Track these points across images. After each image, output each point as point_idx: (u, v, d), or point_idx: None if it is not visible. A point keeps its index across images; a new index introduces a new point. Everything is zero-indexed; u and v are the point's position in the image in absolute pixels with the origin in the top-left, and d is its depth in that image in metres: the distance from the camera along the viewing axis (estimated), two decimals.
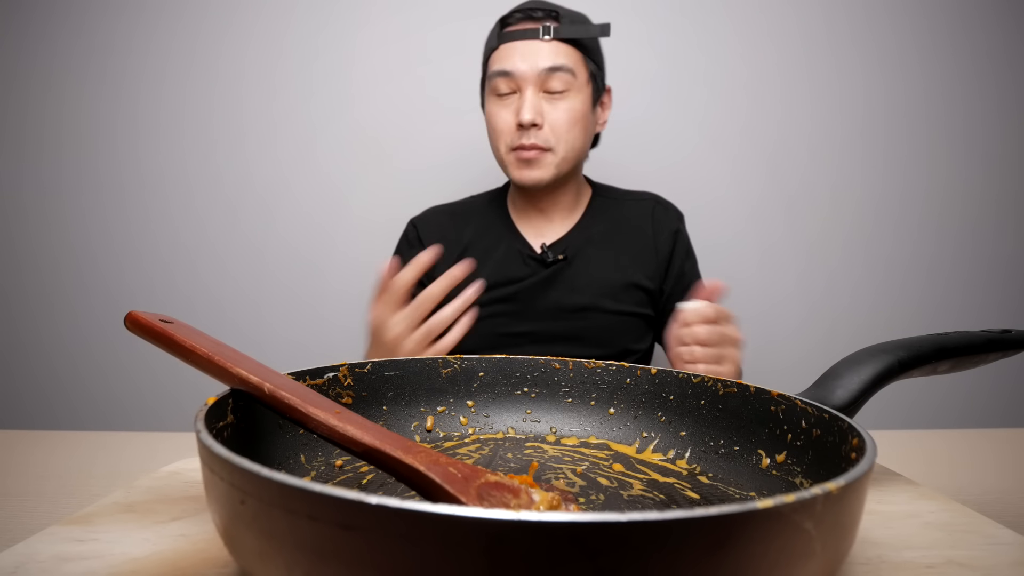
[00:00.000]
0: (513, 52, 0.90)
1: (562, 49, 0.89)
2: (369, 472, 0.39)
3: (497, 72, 0.90)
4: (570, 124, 0.90)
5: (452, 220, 1.02)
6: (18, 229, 1.36)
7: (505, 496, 0.28)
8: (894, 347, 0.40)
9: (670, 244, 1.00)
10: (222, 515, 0.25)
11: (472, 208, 1.04)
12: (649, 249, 0.99)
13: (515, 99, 0.90)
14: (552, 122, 0.90)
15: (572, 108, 0.90)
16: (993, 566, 0.31)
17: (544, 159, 0.90)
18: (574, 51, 0.90)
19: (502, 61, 0.90)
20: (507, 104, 0.91)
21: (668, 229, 1.00)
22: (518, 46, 0.90)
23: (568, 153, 0.91)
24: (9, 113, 1.34)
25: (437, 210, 1.06)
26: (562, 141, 0.90)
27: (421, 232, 1.01)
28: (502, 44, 0.91)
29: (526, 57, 0.89)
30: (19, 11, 1.33)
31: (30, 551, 0.31)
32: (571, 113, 0.90)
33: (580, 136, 0.92)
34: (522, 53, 0.89)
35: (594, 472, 0.40)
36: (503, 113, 0.91)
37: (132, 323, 0.33)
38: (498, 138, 0.93)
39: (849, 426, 0.32)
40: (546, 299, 0.96)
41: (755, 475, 0.38)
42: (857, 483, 0.24)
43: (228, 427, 0.32)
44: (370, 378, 0.43)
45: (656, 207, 1.02)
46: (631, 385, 0.46)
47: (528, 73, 0.89)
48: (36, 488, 0.49)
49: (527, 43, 0.89)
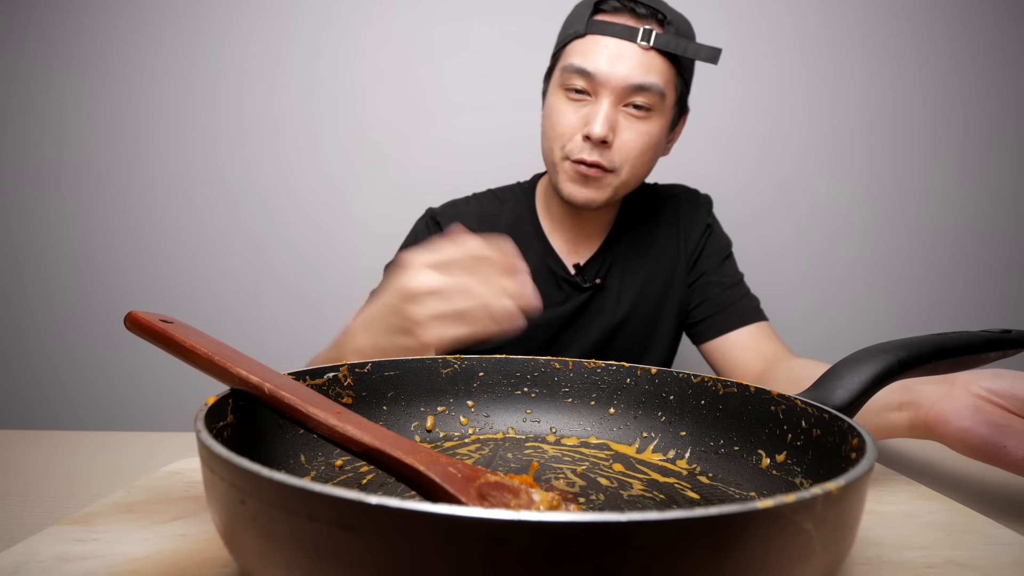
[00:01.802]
0: (600, 49, 0.75)
1: (657, 63, 0.75)
2: (369, 472, 0.39)
3: (575, 68, 0.76)
4: (642, 150, 0.78)
5: (478, 221, 0.90)
6: (18, 228, 1.36)
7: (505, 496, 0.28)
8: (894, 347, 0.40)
9: (698, 242, 0.91)
10: (222, 515, 0.25)
11: (499, 210, 0.92)
12: (680, 253, 0.91)
13: (588, 103, 0.77)
14: (623, 143, 0.77)
15: (650, 133, 0.78)
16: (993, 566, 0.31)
17: (604, 180, 0.78)
18: (669, 67, 0.77)
19: (584, 56, 0.76)
20: (577, 105, 0.78)
21: (697, 226, 0.92)
22: (608, 43, 0.75)
23: (631, 179, 0.80)
24: (9, 113, 1.34)
25: (460, 209, 0.92)
26: (628, 165, 0.78)
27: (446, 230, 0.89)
28: (589, 34, 0.76)
29: (614, 62, 0.75)
30: (19, 11, 1.33)
31: (30, 551, 0.31)
32: (647, 138, 0.78)
33: (648, 164, 0.81)
34: (611, 54, 0.75)
35: (594, 472, 0.40)
36: (569, 114, 0.78)
37: (132, 323, 0.33)
38: (556, 139, 0.80)
39: (849, 426, 0.32)
40: (576, 325, 0.88)
41: (755, 475, 0.38)
42: (857, 483, 0.24)
43: (228, 427, 0.32)
44: (370, 378, 0.43)
45: (685, 202, 0.93)
46: (631, 385, 0.46)
47: (613, 80, 0.75)
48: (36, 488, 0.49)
49: (620, 43, 0.75)
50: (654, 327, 0.91)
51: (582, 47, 0.77)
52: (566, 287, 0.89)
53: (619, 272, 0.89)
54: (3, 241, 1.36)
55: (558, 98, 0.80)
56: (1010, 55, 1.32)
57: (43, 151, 1.35)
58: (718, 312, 0.88)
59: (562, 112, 0.79)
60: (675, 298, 0.91)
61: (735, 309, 0.87)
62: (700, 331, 0.90)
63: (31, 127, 1.35)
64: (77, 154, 1.35)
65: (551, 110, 0.80)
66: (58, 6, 1.33)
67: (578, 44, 0.77)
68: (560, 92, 0.79)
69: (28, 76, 1.34)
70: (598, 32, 0.76)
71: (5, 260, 1.36)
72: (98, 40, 1.33)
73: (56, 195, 1.35)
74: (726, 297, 0.88)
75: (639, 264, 0.90)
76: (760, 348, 0.84)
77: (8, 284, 1.37)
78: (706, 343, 0.89)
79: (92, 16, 1.33)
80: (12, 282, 1.36)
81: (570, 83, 0.77)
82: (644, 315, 0.90)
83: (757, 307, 0.89)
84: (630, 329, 0.90)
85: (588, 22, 0.76)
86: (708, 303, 0.89)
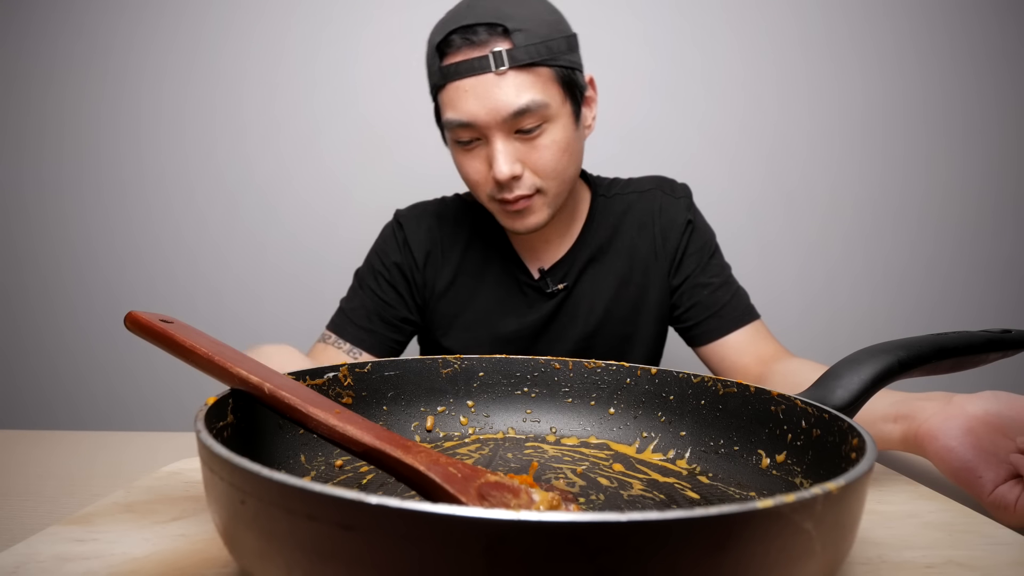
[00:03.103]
0: (461, 94, 0.72)
1: (524, 79, 0.71)
2: (369, 472, 0.39)
3: (453, 124, 0.74)
4: (556, 159, 0.75)
5: (440, 226, 0.89)
6: (19, 228, 1.36)
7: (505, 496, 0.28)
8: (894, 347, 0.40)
9: (680, 240, 0.87)
10: (222, 515, 0.25)
11: (463, 215, 0.91)
12: (657, 254, 0.87)
13: (482, 147, 0.75)
14: (534, 164, 0.74)
15: (554, 141, 0.74)
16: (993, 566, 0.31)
17: (534, 204, 0.77)
18: (538, 74, 0.72)
19: (454, 107, 0.73)
20: (476, 152, 0.76)
21: (677, 223, 0.87)
22: (468, 85, 0.71)
23: (561, 188, 0.78)
24: (9, 112, 1.34)
25: (425, 211, 0.92)
26: (550, 178, 0.76)
27: (409, 235, 0.89)
28: (448, 83, 0.73)
29: (482, 99, 0.71)
30: (19, 11, 1.33)
31: (30, 551, 0.31)
32: (555, 147, 0.74)
33: (571, 164, 0.78)
34: (476, 95, 0.71)
35: (594, 472, 0.40)
36: (474, 163, 0.76)
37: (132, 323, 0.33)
38: (475, 188, 0.79)
39: (849, 426, 0.32)
40: (549, 335, 0.86)
41: (755, 475, 0.38)
42: (857, 483, 0.24)
43: (228, 427, 0.32)
44: (370, 378, 0.43)
45: (663, 198, 0.89)
46: (631, 385, 0.46)
47: (491, 121, 0.71)
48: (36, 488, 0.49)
49: (475, 80, 0.71)
50: (632, 333, 0.88)
51: (447, 98, 0.74)
52: (530, 292, 0.87)
53: (589, 277, 0.86)
54: (3, 241, 1.36)
55: (457, 151, 0.78)
56: (1010, 55, 1.32)
57: (43, 151, 1.35)
58: (710, 316, 0.86)
59: (467, 164, 0.77)
60: (654, 302, 0.87)
61: (727, 311, 0.85)
62: (694, 336, 0.88)
63: (31, 127, 1.35)
64: (77, 153, 1.35)
65: (458, 164, 0.79)
66: (58, 6, 1.33)
67: (443, 95, 0.75)
68: (455, 146, 0.78)
69: (28, 76, 1.34)
70: (452, 78, 0.72)
71: (5, 260, 1.36)
72: (99, 36, 1.33)
73: (56, 194, 1.35)
74: (716, 299, 0.86)
75: (610, 267, 0.87)
76: (758, 350, 0.83)
77: (8, 284, 1.37)
78: (701, 348, 0.88)
79: (92, 15, 1.33)
80: (12, 282, 1.37)
81: (458, 137, 0.76)
82: (620, 320, 0.87)
83: (748, 305, 0.87)
84: (606, 336, 0.87)
85: (440, 72, 0.74)
86: (699, 306, 0.86)
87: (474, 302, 0.88)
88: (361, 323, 0.86)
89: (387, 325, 0.87)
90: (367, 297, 0.88)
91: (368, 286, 0.89)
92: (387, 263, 0.89)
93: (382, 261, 0.89)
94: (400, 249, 0.89)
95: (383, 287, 0.88)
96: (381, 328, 0.87)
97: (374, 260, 0.90)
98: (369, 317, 0.87)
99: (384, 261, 0.89)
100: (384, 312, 0.87)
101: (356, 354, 0.86)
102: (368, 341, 0.86)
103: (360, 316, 0.87)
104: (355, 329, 0.86)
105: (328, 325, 0.89)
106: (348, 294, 0.91)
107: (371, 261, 0.91)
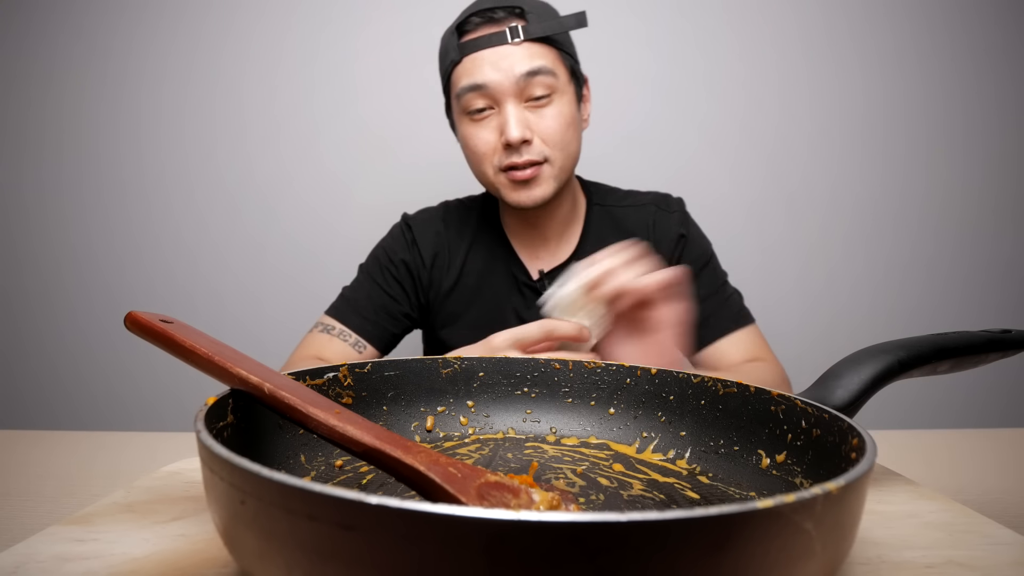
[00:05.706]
0: (480, 63, 0.78)
1: (536, 50, 0.79)
2: (369, 472, 0.39)
3: (467, 87, 0.79)
4: (563, 130, 0.81)
5: (447, 230, 0.94)
6: (19, 228, 1.36)
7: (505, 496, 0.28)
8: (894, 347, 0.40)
9: (672, 253, 0.90)
10: (222, 515, 0.25)
11: (466, 218, 0.95)
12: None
13: (494, 116, 0.80)
14: (543, 132, 0.80)
15: (561, 112, 0.80)
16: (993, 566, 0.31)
17: (542, 174, 0.81)
18: (549, 49, 0.80)
19: (470, 74, 0.79)
20: (485, 123, 0.81)
21: (669, 237, 0.91)
22: (484, 55, 0.78)
23: (566, 161, 0.83)
24: (9, 113, 1.34)
25: (432, 216, 0.96)
26: (557, 149, 0.81)
27: (418, 236, 0.93)
28: (465, 56, 0.79)
29: (498, 65, 0.78)
30: (19, 11, 1.33)
31: (30, 551, 0.31)
32: (561, 118, 0.80)
33: (575, 140, 0.83)
34: (492, 62, 0.78)
35: (594, 472, 0.40)
36: (483, 134, 0.81)
37: (132, 323, 0.33)
38: (482, 161, 0.83)
39: (849, 426, 0.32)
40: None
41: (755, 475, 0.38)
42: (857, 483, 0.24)
43: (228, 427, 0.32)
44: (370, 378, 0.43)
45: (657, 213, 0.93)
46: (631, 385, 0.46)
47: (504, 83, 0.78)
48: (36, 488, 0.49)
49: (493, 50, 0.78)
50: None
51: (464, 70, 0.80)
52: (529, 293, 0.89)
53: None
54: (3, 241, 1.36)
55: (465, 125, 0.83)
56: (1010, 55, 1.32)
57: (43, 151, 1.35)
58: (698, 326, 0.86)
59: (474, 135, 0.82)
60: None
61: (714, 320, 0.87)
62: None
63: (31, 127, 1.35)
64: (77, 154, 1.35)
65: (466, 138, 0.83)
66: (58, 6, 1.33)
67: (459, 69, 0.81)
68: (465, 119, 0.82)
69: (28, 76, 1.34)
70: (471, 51, 0.79)
71: (5, 260, 1.36)
72: (98, 40, 1.33)
73: (56, 195, 1.35)
74: (703, 309, 0.87)
75: None
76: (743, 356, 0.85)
77: (8, 284, 1.37)
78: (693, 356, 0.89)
79: (92, 16, 1.33)
80: (12, 282, 1.36)
81: (470, 106, 0.81)
82: None
83: (740, 312, 0.88)
84: None
85: (458, 47, 0.80)
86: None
87: (477, 302, 0.90)
88: (367, 314, 0.89)
89: (391, 319, 0.91)
90: (373, 289, 0.91)
91: (374, 280, 0.92)
92: (395, 260, 0.92)
93: (389, 258, 0.93)
94: (408, 248, 0.93)
95: (389, 282, 0.91)
96: (385, 321, 0.90)
97: (381, 256, 0.93)
98: (375, 309, 0.90)
99: (392, 258, 0.92)
100: (389, 306, 0.91)
101: (361, 347, 0.88)
102: (372, 332, 0.89)
103: (366, 307, 0.90)
104: (360, 320, 0.89)
105: (330, 311, 0.90)
106: (352, 284, 0.93)
107: (377, 256, 0.94)
